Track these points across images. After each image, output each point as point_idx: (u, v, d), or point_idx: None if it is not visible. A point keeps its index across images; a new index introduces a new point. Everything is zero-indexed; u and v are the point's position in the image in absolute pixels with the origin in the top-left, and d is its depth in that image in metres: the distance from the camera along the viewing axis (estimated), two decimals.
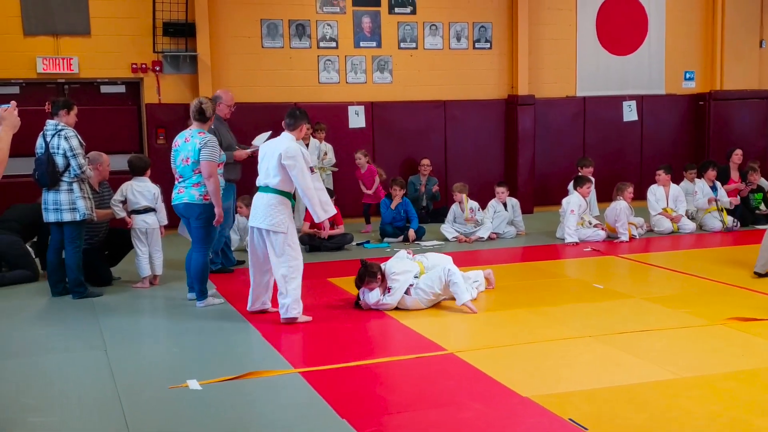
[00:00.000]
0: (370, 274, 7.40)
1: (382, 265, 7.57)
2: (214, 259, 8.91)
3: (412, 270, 7.59)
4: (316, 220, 7.21)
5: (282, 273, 6.97)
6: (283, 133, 7.17)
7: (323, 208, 7.05)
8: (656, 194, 11.98)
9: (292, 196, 7.12)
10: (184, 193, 7.65)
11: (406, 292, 7.44)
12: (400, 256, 8.00)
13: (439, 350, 6.22)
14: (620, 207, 11.21)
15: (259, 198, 7.07)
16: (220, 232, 8.58)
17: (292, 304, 6.97)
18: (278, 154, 6.92)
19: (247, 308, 7.40)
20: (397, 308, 7.41)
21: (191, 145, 7.56)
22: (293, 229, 7.07)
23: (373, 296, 7.45)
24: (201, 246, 7.72)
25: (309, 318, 7.11)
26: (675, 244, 11.14)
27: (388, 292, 7.42)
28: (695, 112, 15.48)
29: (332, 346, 6.49)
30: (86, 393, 5.43)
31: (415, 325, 6.94)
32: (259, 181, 7.10)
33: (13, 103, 4.92)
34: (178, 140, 7.75)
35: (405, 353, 6.16)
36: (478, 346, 6.29)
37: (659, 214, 11.86)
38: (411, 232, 11.32)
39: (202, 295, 7.78)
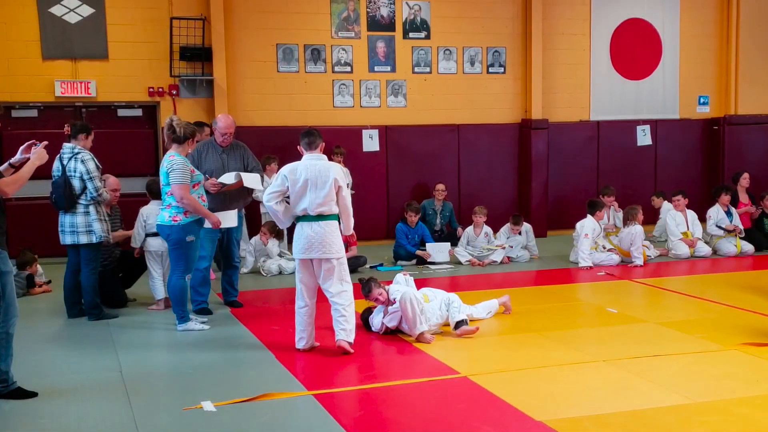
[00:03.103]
0: (372, 280, 7.50)
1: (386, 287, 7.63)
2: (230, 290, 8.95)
3: (399, 290, 7.55)
4: (346, 233, 7.03)
5: (346, 297, 6.78)
6: (312, 155, 6.81)
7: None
8: (676, 219, 11.97)
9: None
10: (160, 215, 7.75)
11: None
12: (398, 281, 8.03)
13: (453, 374, 6.23)
14: (635, 231, 11.20)
15: (311, 227, 6.69)
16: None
17: (353, 329, 6.82)
18: (331, 178, 6.66)
19: (298, 346, 6.94)
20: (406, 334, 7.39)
21: (162, 169, 7.62)
22: None
23: (376, 312, 7.54)
24: (176, 268, 7.71)
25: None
26: (689, 269, 11.12)
27: (392, 304, 7.43)
28: (709, 136, 15.46)
29: (345, 368, 6.51)
30: (101, 414, 5.46)
31: (428, 348, 6.96)
32: (308, 210, 6.70)
33: (45, 143, 6.02)
34: (161, 166, 7.81)
35: (418, 376, 6.17)
36: (491, 370, 6.29)
37: (679, 239, 11.85)
38: (426, 253, 11.38)
39: (181, 318, 7.79)
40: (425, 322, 7.30)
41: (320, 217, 6.69)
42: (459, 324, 7.37)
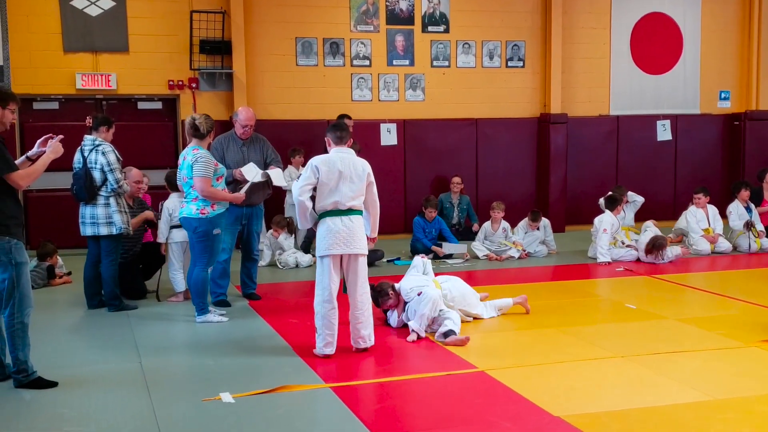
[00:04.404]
0: (382, 294, 7.40)
1: (396, 285, 7.54)
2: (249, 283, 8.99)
3: (426, 285, 7.47)
4: (372, 235, 6.84)
5: (366, 298, 6.66)
6: (341, 149, 6.70)
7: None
8: (696, 216, 11.92)
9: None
10: (184, 208, 7.77)
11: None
12: (415, 264, 7.99)
13: (470, 368, 6.22)
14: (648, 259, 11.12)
15: (342, 221, 6.52)
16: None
17: (372, 332, 6.73)
18: (365, 173, 6.63)
19: (326, 352, 6.58)
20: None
21: (186, 162, 7.64)
22: None
23: (393, 319, 7.54)
24: (200, 261, 7.74)
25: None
26: (709, 265, 11.05)
27: (405, 303, 7.41)
28: (730, 132, 15.36)
29: (363, 361, 6.52)
30: (121, 404, 5.50)
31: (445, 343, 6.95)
32: (339, 203, 6.54)
33: (61, 136, 6.09)
34: (180, 158, 7.84)
35: (435, 370, 6.17)
36: (509, 365, 6.28)
37: (701, 236, 11.78)
38: (439, 249, 11.38)
39: (200, 310, 7.82)
40: (424, 325, 7.17)
41: (350, 211, 6.56)
42: (447, 334, 7.02)
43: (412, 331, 7.10)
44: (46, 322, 7.81)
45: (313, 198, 6.61)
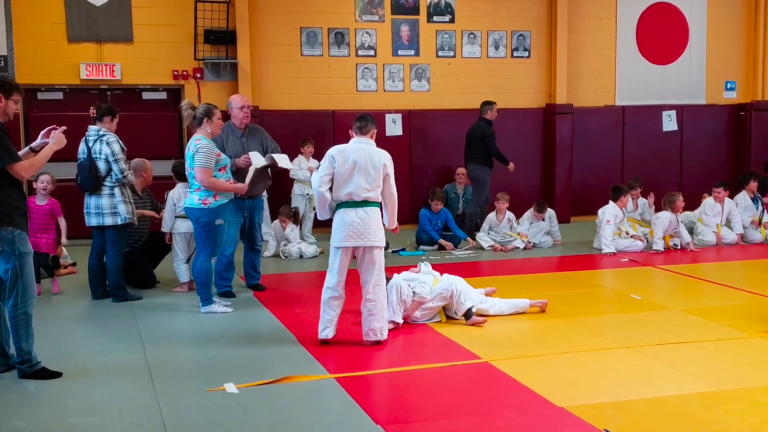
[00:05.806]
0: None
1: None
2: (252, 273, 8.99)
3: (418, 278, 7.48)
4: (390, 227, 6.75)
5: (380, 290, 6.58)
6: (361, 140, 6.60)
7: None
8: (714, 210, 11.83)
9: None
10: (188, 198, 7.78)
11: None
12: (424, 270, 7.94)
13: (474, 359, 6.22)
14: (662, 217, 11.07)
15: (356, 213, 6.45)
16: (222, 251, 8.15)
17: (385, 326, 6.68)
18: (381, 164, 6.47)
19: (323, 336, 6.63)
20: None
21: (189, 153, 7.63)
22: None
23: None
24: (203, 251, 7.73)
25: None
26: (715, 256, 11.02)
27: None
28: (736, 122, 15.30)
29: (368, 352, 6.51)
30: (125, 395, 5.51)
31: (450, 333, 6.95)
32: (353, 195, 6.46)
33: (64, 128, 6.03)
34: (186, 149, 7.83)
35: (440, 361, 6.17)
36: (513, 355, 6.28)
37: (713, 231, 11.71)
38: (448, 243, 11.36)
39: (205, 301, 7.82)
40: (467, 299, 7.22)
41: (365, 203, 6.47)
42: (468, 315, 7.19)
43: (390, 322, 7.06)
44: (51, 313, 7.83)
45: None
